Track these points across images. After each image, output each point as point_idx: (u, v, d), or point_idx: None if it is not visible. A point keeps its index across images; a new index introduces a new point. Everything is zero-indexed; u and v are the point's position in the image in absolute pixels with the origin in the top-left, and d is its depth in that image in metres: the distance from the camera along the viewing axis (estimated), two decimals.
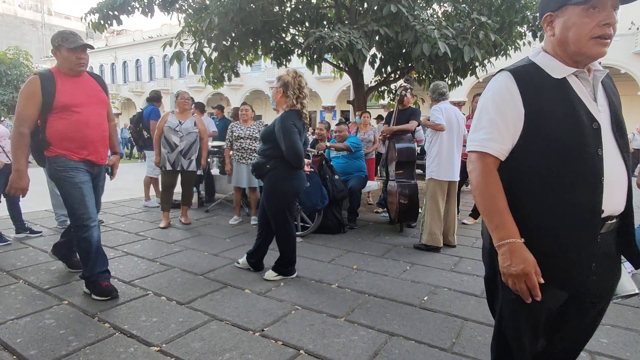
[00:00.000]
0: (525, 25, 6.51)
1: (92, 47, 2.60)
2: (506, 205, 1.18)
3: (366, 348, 2.16)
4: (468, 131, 4.57)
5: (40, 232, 4.37)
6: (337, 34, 4.89)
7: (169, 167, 4.73)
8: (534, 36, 6.56)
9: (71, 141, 2.56)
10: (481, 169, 1.21)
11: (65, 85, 2.54)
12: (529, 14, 6.29)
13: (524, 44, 7.22)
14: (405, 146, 4.60)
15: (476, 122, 1.26)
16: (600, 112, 1.16)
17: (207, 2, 6.44)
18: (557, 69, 1.18)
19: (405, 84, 4.98)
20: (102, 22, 6.45)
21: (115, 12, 6.40)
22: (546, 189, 1.16)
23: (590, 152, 1.12)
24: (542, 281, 1.14)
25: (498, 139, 1.19)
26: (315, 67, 7.59)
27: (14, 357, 2.03)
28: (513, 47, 6.98)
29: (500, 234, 1.16)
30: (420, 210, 4.61)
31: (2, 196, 4.10)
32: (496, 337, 1.37)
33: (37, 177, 3.95)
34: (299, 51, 7.04)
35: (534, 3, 6.33)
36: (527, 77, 1.18)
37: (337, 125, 5.46)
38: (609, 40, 1.12)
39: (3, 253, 3.69)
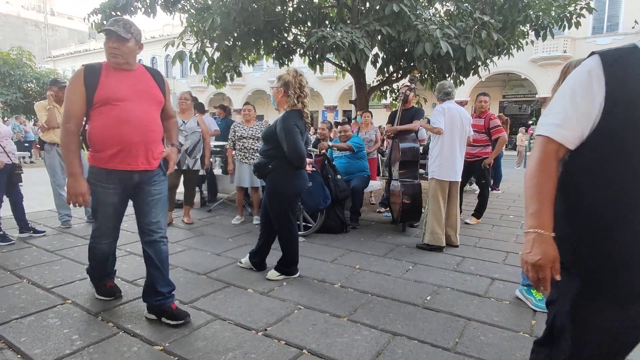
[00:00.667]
0: (528, 25, 6.48)
1: (123, 39, 2.24)
2: (550, 195, 1.12)
3: (369, 348, 2.16)
4: (474, 131, 4.59)
5: (44, 231, 4.39)
6: (339, 34, 4.89)
7: None
8: (537, 35, 6.53)
9: (106, 141, 2.24)
10: (539, 154, 1.15)
11: (109, 78, 2.26)
12: (531, 12, 6.26)
13: (526, 43, 7.19)
14: (409, 146, 4.60)
15: (550, 105, 1.18)
16: None
17: (210, 2, 6.44)
18: None
19: (409, 84, 4.99)
20: (104, 22, 6.46)
21: (118, 13, 6.42)
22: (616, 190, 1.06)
23: None
24: (558, 278, 1.11)
25: (566, 126, 1.11)
26: (317, 66, 7.59)
27: (19, 356, 2.04)
28: (516, 46, 6.96)
29: (532, 222, 1.13)
30: (423, 210, 4.61)
31: (4, 196, 4.12)
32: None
33: (40, 177, 3.97)
34: (301, 51, 7.03)
35: (536, 2, 6.31)
36: (620, 63, 1.05)
37: (340, 125, 5.45)
38: None
39: (7, 252, 3.71)
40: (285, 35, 7.15)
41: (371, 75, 7.84)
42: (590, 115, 1.07)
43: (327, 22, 6.90)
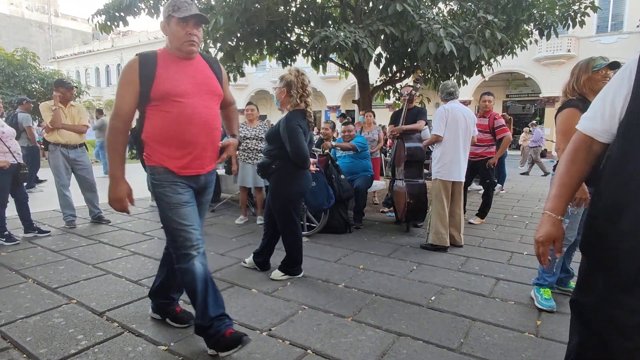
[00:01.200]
0: (531, 24, 6.45)
1: (206, 22, 2.05)
2: (568, 183, 1.22)
3: (374, 348, 2.15)
4: (478, 131, 4.57)
5: (49, 231, 4.41)
6: (342, 34, 4.88)
7: None
8: (541, 34, 6.50)
9: (170, 143, 1.97)
10: (570, 144, 1.24)
11: (168, 70, 1.97)
12: (535, 11, 6.24)
13: (530, 42, 7.17)
14: (414, 145, 4.60)
15: None
16: None
17: (213, 3, 6.45)
18: None
19: (414, 84, 4.99)
20: (108, 23, 6.49)
21: (122, 14, 6.45)
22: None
23: None
24: (558, 255, 1.22)
25: (595, 118, 1.17)
26: (320, 66, 7.59)
27: (24, 355, 2.05)
28: (519, 45, 6.93)
29: (547, 205, 1.26)
30: (428, 211, 4.60)
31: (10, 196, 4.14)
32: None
33: (44, 177, 3.98)
34: (304, 51, 7.03)
35: (540, 1, 6.28)
36: None
37: (343, 125, 5.45)
38: None
39: (12, 252, 3.73)
40: (288, 35, 7.15)
41: (374, 75, 7.83)
42: (616, 110, 1.10)
43: (330, 22, 6.90)
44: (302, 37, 7.37)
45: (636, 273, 1.04)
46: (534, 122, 18.67)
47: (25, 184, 4.33)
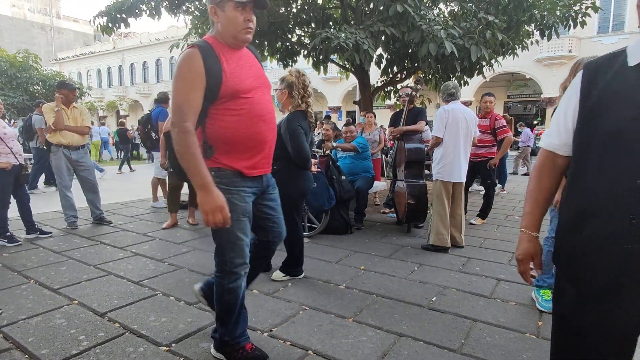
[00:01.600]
0: (532, 24, 6.45)
1: (265, 6, 1.80)
2: (538, 200, 1.26)
3: (375, 349, 2.15)
4: (479, 132, 4.57)
5: (50, 232, 4.42)
6: (343, 35, 4.89)
7: None
8: (542, 35, 6.50)
9: (240, 143, 1.79)
10: (536, 162, 1.29)
11: (230, 63, 1.74)
12: (536, 12, 6.24)
13: (531, 43, 7.16)
14: (415, 146, 4.61)
15: None
16: None
17: None
18: (637, 53, 1.04)
19: (415, 85, 5.00)
20: (110, 25, 6.50)
21: (123, 15, 6.46)
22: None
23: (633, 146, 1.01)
24: (536, 274, 1.27)
25: (553, 134, 1.22)
26: (321, 67, 7.60)
27: (26, 356, 2.06)
28: (520, 46, 6.93)
29: (523, 222, 1.29)
30: (429, 211, 4.60)
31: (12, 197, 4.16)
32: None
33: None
34: (305, 52, 7.04)
35: (541, 1, 6.28)
36: (596, 68, 1.11)
37: (345, 126, 5.46)
38: None
39: (14, 253, 3.74)
40: (289, 36, 7.16)
41: (375, 76, 7.83)
42: (569, 124, 1.16)
43: (331, 23, 6.90)
44: (303, 38, 7.38)
45: (602, 284, 1.06)
46: (536, 122, 18.60)
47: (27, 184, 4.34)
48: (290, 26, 6.89)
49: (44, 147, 7.49)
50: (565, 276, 1.16)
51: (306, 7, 6.68)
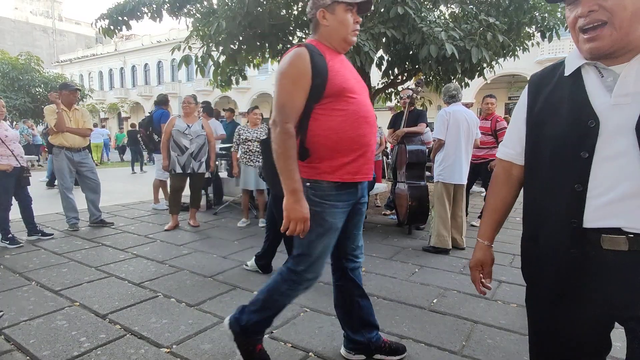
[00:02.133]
0: (533, 26, 6.45)
1: (369, 10, 1.83)
2: (491, 209, 1.30)
3: None
4: (481, 133, 4.57)
5: (52, 234, 4.43)
6: None
7: (179, 170, 4.77)
8: (543, 37, 6.50)
9: (344, 146, 1.70)
10: (494, 171, 1.32)
11: (334, 63, 1.72)
12: (537, 14, 6.24)
13: (532, 44, 7.16)
14: (416, 148, 4.62)
15: None
16: (617, 106, 0.97)
17: (215, 7, 6.49)
18: (570, 63, 1.09)
19: (415, 87, 5.00)
20: (111, 27, 6.53)
21: (125, 18, 6.48)
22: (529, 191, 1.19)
23: (571, 154, 1.03)
24: (490, 281, 1.35)
25: (507, 144, 1.26)
26: None
27: (27, 357, 2.06)
28: (521, 48, 6.93)
29: (480, 230, 1.35)
30: (430, 213, 4.60)
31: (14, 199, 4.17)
32: None
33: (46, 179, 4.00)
34: None
35: (542, 4, 6.28)
36: (540, 79, 1.16)
37: None
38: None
39: (16, 255, 3.75)
40: (291, 38, 7.17)
41: (376, 78, 7.84)
42: (522, 133, 1.18)
43: None
44: (304, 40, 7.39)
45: (552, 289, 1.10)
46: None
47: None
48: (291, 28, 6.90)
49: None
50: (526, 281, 1.22)
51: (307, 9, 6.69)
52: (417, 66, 6.45)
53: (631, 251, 0.96)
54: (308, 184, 1.71)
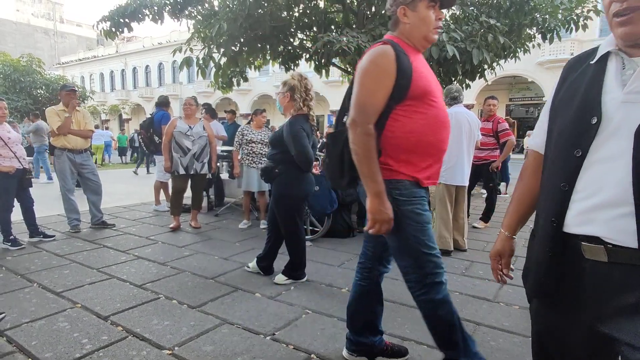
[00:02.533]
0: (534, 28, 6.46)
1: (453, 4, 1.77)
2: (516, 200, 1.25)
3: None
4: (482, 134, 4.57)
5: (54, 236, 4.43)
6: (345, 38, 4.90)
7: (182, 171, 4.78)
8: (544, 38, 6.50)
9: (421, 150, 1.65)
10: (526, 159, 1.26)
11: (417, 64, 1.63)
12: (538, 15, 6.24)
13: (533, 46, 7.17)
14: None
15: None
16: (626, 103, 0.88)
17: (216, 9, 6.50)
18: (601, 48, 0.98)
19: None
20: (113, 29, 6.55)
21: (126, 20, 6.50)
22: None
23: (565, 153, 0.97)
24: (508, 272, 1.30)
25: (535, 134, 1.21)
26: (323, 71, 7.62)
27: (29, 359, 2.06)
28: (522, 49, 6.93)
29: (503, 220, 1.30)
30: (432, 215, 4.59)
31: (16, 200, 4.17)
32: None
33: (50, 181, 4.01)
34: (307, 56, 7.06)
35: (543, 5, 6.29)
36: (573, 63, 1.07)
37: None
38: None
39: (17, 257, 3.75)
40: (292, 40, 7.19)
41: None
42: (544, 124, 1.14)
43: (333, 27, 6.93)
44: (305, 41, 7.39)
45: (536, 289, 1.10)
46: None
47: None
48: (292, 30, 6.91)
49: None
50: (522, 278, 1.20)
51: (308, 11, 6.70)
52: None
53: (611, 263, 0.88)
54: (391, 184, 1.63)
